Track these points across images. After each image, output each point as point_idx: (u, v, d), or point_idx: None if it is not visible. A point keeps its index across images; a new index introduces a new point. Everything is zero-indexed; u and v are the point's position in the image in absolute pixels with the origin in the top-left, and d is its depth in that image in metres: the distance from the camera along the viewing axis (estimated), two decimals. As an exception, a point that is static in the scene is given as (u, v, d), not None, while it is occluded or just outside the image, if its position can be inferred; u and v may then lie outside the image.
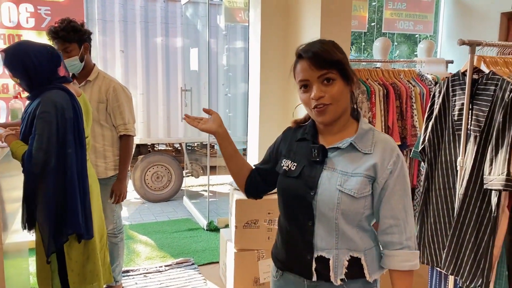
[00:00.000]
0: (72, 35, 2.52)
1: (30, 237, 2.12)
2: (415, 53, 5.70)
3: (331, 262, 1.25)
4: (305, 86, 1.25)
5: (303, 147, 1.33)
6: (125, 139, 2.73)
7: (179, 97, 5.53)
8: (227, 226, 4.36)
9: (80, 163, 2.01)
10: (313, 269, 1.26)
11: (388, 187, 1.24)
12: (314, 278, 1.27)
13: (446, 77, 3.44)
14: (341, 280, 1.26)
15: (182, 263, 3.57)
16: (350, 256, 1.26)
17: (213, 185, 5.18)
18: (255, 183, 1.49)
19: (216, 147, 6.28)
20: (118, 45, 5.27)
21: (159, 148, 6.25)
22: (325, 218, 1.24)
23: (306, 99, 1.25)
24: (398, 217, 1.25)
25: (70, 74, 2.72)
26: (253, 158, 3.78)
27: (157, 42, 5.43)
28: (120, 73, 5.19)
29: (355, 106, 1.34)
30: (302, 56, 1.25)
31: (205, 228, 4.42)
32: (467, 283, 2.15)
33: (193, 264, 3.56)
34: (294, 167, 1.31)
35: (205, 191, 6.16)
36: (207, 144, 6.29)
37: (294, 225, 1.31)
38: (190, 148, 6.13)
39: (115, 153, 2.74)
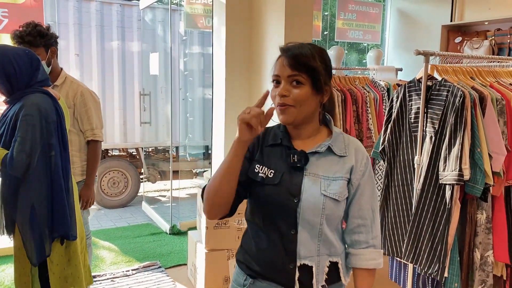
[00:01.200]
0: (39, 39, 2.48)
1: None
2: (364, 61, 6.04)
3: (314, 269, 1.25)
4: (276, 81, 1.25)
5: (277, 152, 1.29)
6: (92, 145, 2.73)
7: (136, 101, 5.51)
8: (190, 229, 4.41)
9: (64, 165, 2.02)
10: (296, 278, 1.24)
11: (359, 188, 1.28)
12: (297, 287, 1.25)
13: (398, 84, 3.74)
14: (322, 286, 1.27)
15: (148, 266, 3.58)
16: (330, 261, 1.28)
17: (176, 189, 5.20)
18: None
19: (170, 152, 6.30)
20: (73, 49, 5.16)
21: (113, 154, 6.16)
22: (309, 225, 1.23)
23: (273, 94, 1.25)
24: (366, 217, 1.29)
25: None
26: (218, 162, 3.88)
27: (113, 46, 5.37)
28: (75, 77, 5.06)
29: (325, 114, 1.33)
30: (282, 53, 1.27)
31: (168, 232, 4.44)
32: (425, 270, 2.38)
33: (160, 267, 3.59)
34: (272, 174, 1.26)
35: (163, 196, 6.15)
36: (163, 148, 6.33)
37: (274, 234, 1.26)
38: (145, 153, 6.10)
39: (83, 159, 2.73)
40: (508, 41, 4.07)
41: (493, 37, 4.20)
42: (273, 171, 1.26)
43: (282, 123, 1.27)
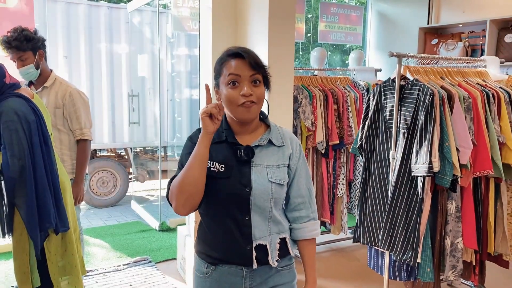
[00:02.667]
0: (26, 44, 2.58)
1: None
2: (346, 62, 6.24)
3: (268, 247, 1.40)
4: (233, 82, 1.33)
5: (223, 148, 1.40)
6: (81, 143, 2.84)
7: (124, 102, 5.62)
8: (179, 225, 4.54)
9: (47, 159, 2.12)
10: (254, 257, 1.38)
11: (296, 171, 1.46)
12: (255, 266, 1.39)
13: (376, 84, 3.92)
14: (276, 261, 1.42)
15: (139, 261, 3.71)
16: (280, 238, 1.44)
17: (165, 188, 5.32)
18: None
19: (158, 152, 6.41)
20: (61, 51, 5.25)
21: (101, 154, 6.25)
22: (260, 209, 1.38)
23: (235, 95, 1.32)
24: (303, 195, 1.48)
25: (26, 81, 2.81)
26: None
27: (101, 48, 5.47)
28: (64, 79, 5.16)
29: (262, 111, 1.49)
30: (241, 55, 1.34)
31: (157, 229, 4.57)
32: (400, 256, 2.56)
33: (150, 262, 3.71)
34: (223, 168, 1.37)
35: (151, 195, 6.26)
36: (151, 148, 6.43)
37: (230, 221, 1.38)
38: (134, 153, 6.20)
39: (73, 157, 2.84)
40: (481, 42, 4.29)
41: (467, 39, 4.41)
42: (223, 166, 1.37)
43: (245, 120, 1.37)
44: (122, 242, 4.21)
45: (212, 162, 1.38)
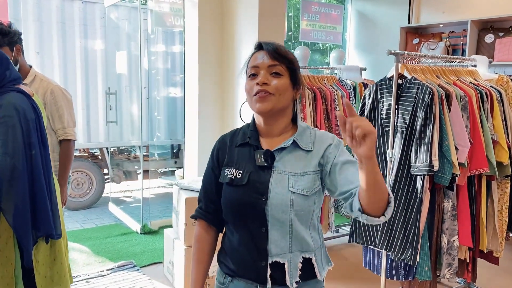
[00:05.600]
0: (1, 39, 2.42)
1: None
2: (326, 61, 6.25)
3: (286, 266, 1.25)
4: (253, 74, 1.26)
5: (245, 152, 1.31)
6: (65, 144, 2.69)
7: (100, 100, 5.41)
8: (161, 227, 4.41)
9: (45, 163, 2.00)
10: (268, 275, 1.25)
11: (337, 165, 1.24)
12: (269, 285, 1.25)
13: (362, 83, 3.92)
14: (296, 282, 1.26)
15: (123, 265, 3.56)
16: (303, 257, 1.27)
17: (146, 188, 5.15)
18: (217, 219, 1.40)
19: (134, 152, 6.24)
20: (33, 46, 5.00)
21: (75, 155, 6.00)
22: (279, 222, 1.23)
23: (251, 85, 1.25)
24: (354, 181, 1.20)
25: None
26: (192, 160, 3.91)
27: (75, 44, 5.25)
28: (36, 75, 4.92)
29: (295, 111, 1.35)
30: (262, 47, 1.28)
31: (139, 231, 4.41)
32: (399, 256, 2.55)
33: (135, 266, 3.57)
34: (240, 174, 1.27)
35: (128, 197, 6.07)
36: (126, 148, 6.23)
37: (245, 233, 1.28)
38: (109, 153, 6.00)
39: (55, 159, 2.69)
40: (461, 42, 4.37)
41: (448, 39, 4.49)
42: (241, 172, 1.28)
43: (259, 112, 1.26)
44: (103, 246, 4.04)
45: (230, 169, 1.31)
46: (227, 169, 1.32)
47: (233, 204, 1.29)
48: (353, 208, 1.16)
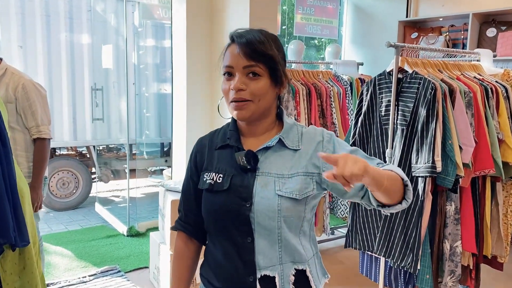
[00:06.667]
0: None
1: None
2: (321, 56, 6.07)
3: (277, 280, 1.12)
4: (229, 73, 1.12)
5: (227, 154, 1.18)
6: (39, 143, 2.49)
7: (86, 97, 5.21)
8: (149, 230, 4.22)
9: (5, 163, 1.81)
10: None
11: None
12: None
13: (359, 78, 3.75)
14: None
15: (107, 271, 3.37)
16: (295, 269, 1.14)
17: (133, 188, 4.96)
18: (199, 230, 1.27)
19: (123, 150, 6.03)
20: (16, 40, 4.78)
21: (61, 153, 5.80)
22: (266, 231, 1.10)
23: (226, 88, 1.12)
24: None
25: None
26: (180, 158, 3.72)
27: (60, 38, 5.03)
28: (19, 70, 4.72)
29: (280, 106, 1.22)
30: (234, 41, 1.12)
31: (125, 234, 4.22)
32: (398, 263, 2.38)
33: (119, 271, 3.39)
34: (221, 178, 1.14)
35: (117, 196, 5.88)
36: (115, 146, 6.03)
37: (229, 245, 1.13)
38: (97, 151, 5.80)
39: (29, 159, 2.50)
40: (462, 37, 4.20)
41: (447, 33, 4.32)
42: (221, 176, 1.15)
43: (237, 119, 1.15)
44: (86, 250, 3.85)
45: (209, 173, 1.17)
46: (206, 173, 1.18)
47: (214, 212, 1.15)
48: (371, 203, 1.11)
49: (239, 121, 1.16)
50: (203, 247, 1.28)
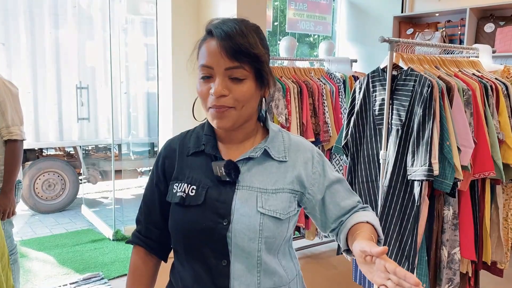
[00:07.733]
0: None
1: None
2: (316, 53, 5.92)
3: None
4: (206, 77, 0.96)
5: (201, 162, 1.03)
6: (10, 145, 2.33)
7: (72, 95, 5.04)
8: (136, 233, 4.07)
9: None
10: None
11: (326, 190, 1.05)
12: None
13: (353, 76, 3.61)
14: None
15: (89, 278, 3.22)
16: None
17: (119, 190, 4.81)
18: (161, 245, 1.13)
19: (111, 150, 5.86)
20: (-3, 37, 4.62)
21: (48, 153, 5.64)
22: (244, 253, 0.97)
23: (205, 92, 0.96)
24: (347, 208, 1.06)
25: None
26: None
27: (45, 35, 4.86)
28: (1, 69, 4.55)
29: (263, 110, 1.08)
30: (213, 34, 0.95)
31: (111, 238, 4.07)
32: (393, 271, 2.24)
33: (102, 278, 3.24)
34: (194, 191, 0.99)
35: (105, 198, 5.72)
36: (104, 146, 5.87)
37: (201, 267, 0.99)
38: (84, 152, 5.63)
39: (1, 162, 2.35)
40: (459, 32, 4.07)
41: (444, 29, 4.18)
42: (195, 188, 1.00)
43: (218, 128, 0.99)
44: (70, 255, 3.69)
45: (180, 184, 1.02)
46: (176, 184, 1.03)
47: (185, 229, 1.00)
48: (339, 243, 1.03)
49: (221, 129, 1.01)
50: (164, 265, 1.15)
